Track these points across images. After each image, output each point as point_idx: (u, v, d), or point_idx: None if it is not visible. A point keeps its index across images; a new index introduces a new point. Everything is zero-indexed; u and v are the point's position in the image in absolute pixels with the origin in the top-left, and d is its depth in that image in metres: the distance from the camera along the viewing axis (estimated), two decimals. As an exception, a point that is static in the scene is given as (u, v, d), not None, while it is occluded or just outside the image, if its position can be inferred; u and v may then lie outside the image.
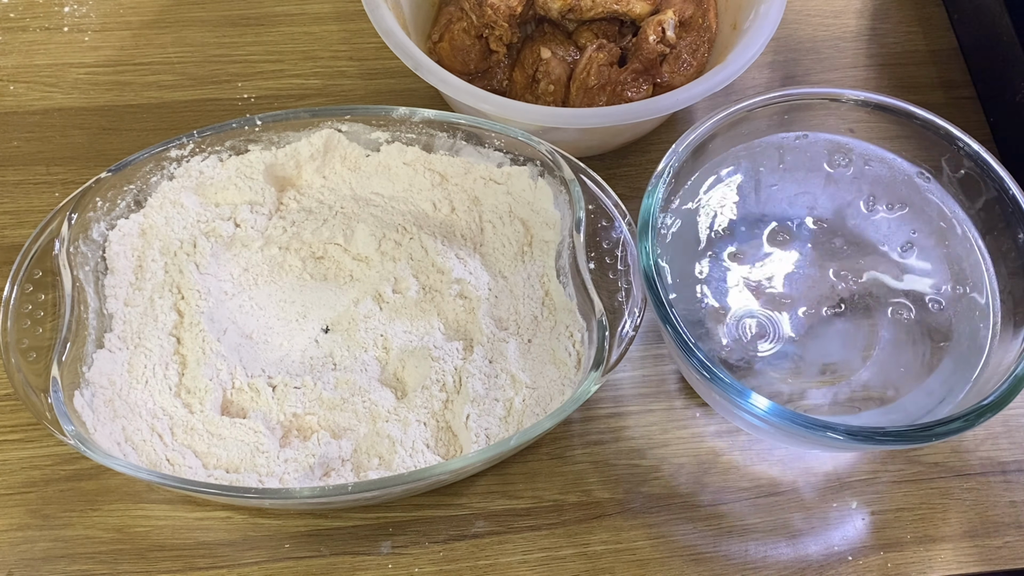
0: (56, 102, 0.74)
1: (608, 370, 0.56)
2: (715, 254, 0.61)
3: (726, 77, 0.65)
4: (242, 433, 0.57)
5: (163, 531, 0.59)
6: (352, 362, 0.61)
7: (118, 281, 0.61)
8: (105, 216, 0.62)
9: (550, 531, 0.60)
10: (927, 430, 0.52)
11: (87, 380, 0.58)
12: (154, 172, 0.63)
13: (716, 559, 0.60)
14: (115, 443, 0.56)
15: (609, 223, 0.61)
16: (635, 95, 0.69)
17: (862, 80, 0.78)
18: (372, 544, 0.60)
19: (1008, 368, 0.55)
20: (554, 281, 0.63)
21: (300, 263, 0.64)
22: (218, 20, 0.78)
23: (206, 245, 0.63)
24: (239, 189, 0.64)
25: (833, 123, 0.64)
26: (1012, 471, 0.63)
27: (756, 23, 0.67)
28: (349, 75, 0.76)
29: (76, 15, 0.78)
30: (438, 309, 0.63)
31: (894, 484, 0.62)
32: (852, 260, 0.61)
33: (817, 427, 0.52)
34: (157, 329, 0.60)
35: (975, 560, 0.60)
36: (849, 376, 0.59)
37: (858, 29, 0.80)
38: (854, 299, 0.61)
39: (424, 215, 0.65)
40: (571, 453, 0.62)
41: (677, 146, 0.60)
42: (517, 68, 0.71)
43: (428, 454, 0.58)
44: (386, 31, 0.65)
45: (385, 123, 0.65)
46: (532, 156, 0.64)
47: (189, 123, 0.73)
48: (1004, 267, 0.60)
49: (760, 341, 0.59)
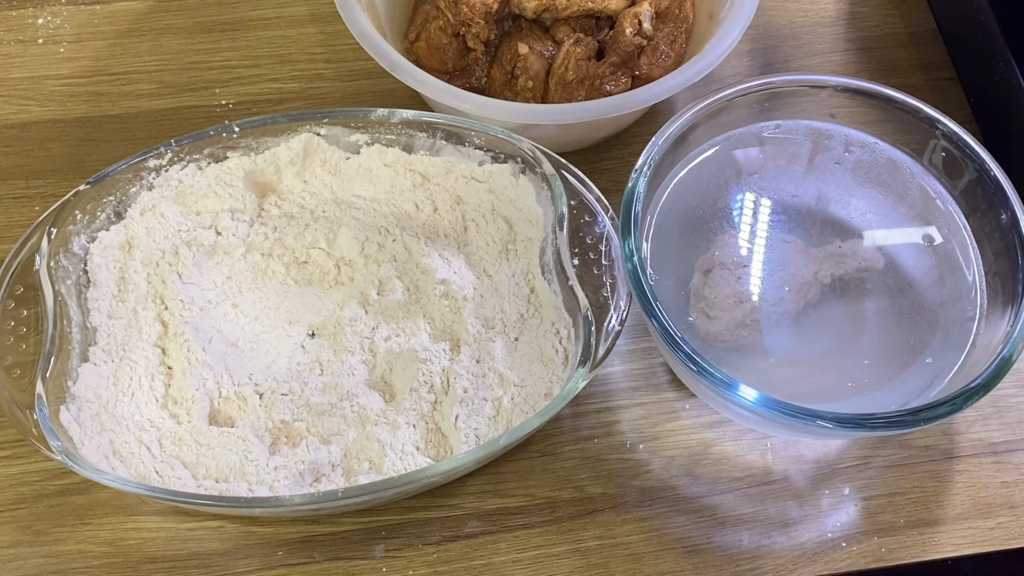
0: (33, 115, 0.73)
1: (596, 365, 0.56)
2: (700, 244, 0.61)
3: (704, 67, 0.64)
4: (230, 442, 0.57)
5: (155, 543, 0.59)
6: (339, 366, 0.61)
7: (101, 294, 0.61)
8: (85, 229, 0.62)
9: (543, 528, 0.60)
10: (916, 414, 0.52)
11: (73, 395, 0.57)
12: (133, 183, 0.63)
13: (710, 550, 0.60)
14: (103, 457, 0.56)
15: (592, 218, 0.60)
16: (614, 88, 0.68)
17: (842, 65, 0.78)
18: (366, 548, 0.59)
19: (995, 349, 0.55)
20: (539, 278, 0.63)
21: (283, 269, 0.64)
22: (194, 27, 0.78)
23: (188, 254, 0.63)
24: (219, 197, 0.64)
25: (814, 109, 0.64)
26: (1003, 452, 0.63)
27: (733, 12, 0.67)
28: (327, 77, 0.76)
29: (50, 26, 0.77)
30: (424, 310, 0.62)
31: (886, 469, 0.62)
32: (835, 245, 0.61)
33: (806, 415, 0.52)
34: (142, 341, 0.60)
35: (969, 542, 0.60)
36: (836, 360, 0.59)
37: (836, 13, 0.80)
38: (838, 284, 0.60)
39: (407, 216, 0.65)
40: (562, 450, 0.62)
41: (657, 138, 0.59)
42: (495, 65, 0.71)
43: (418, 456, 0.58)
44: (361, 33, 0.65)
45: (364, 125, 0.64)
46: (513, 153, 0.63)
47: (168, 132, 0.73)
48: (989, 247, 0.60)
49: (746, 328, 0.59)
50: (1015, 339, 0.54)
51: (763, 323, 0.59)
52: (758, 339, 0.59)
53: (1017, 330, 0.55)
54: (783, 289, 0.60)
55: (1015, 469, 0.62)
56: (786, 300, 0.60)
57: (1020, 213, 0.58)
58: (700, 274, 0.60)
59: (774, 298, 0.60)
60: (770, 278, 0.61)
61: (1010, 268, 0.58)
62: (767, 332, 0.59)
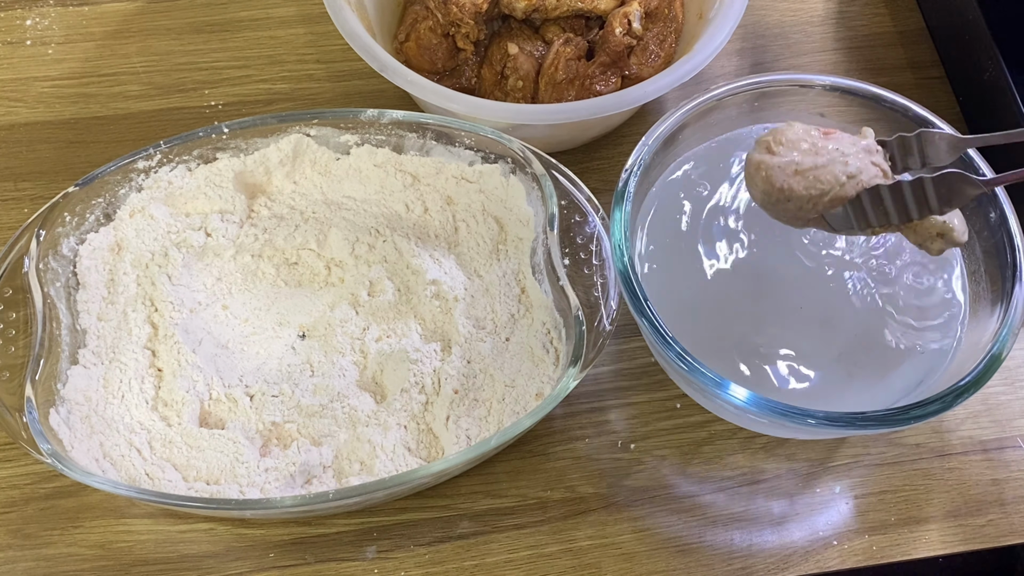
0: (21, 117, 0.73)
1: (587, 365, 0.56)
2: (691, 243, 0.61)
3: (694, 67, 0.64)
4: (221, 444, 0.57)
5: (146, 545, 0.59)
6: (330, 368, 0.61)
7: (90, 296, 0.61)
8: (74, 231, 0.61)
9: (535, 529, 0.60)
10: (905, 413, 0.52)
11: (62, 397, 0.57)
12: (122, 184, 0.63)
13: (701, 549, 0.60)
14: (93, 460, 0.56)
15: (582, 218, 0.60)
16: (604, 88, 0.69)
17: (831, 64, 0.78)
18: (357, 550, 0.59)
19: (985, 347, 0.55)
20: (530, 278, 0.63)
21: (274, 270, 0.64)
22: (183, 28, 0.77)
23: (178, 256, 0.62)
24: (209, 198, 0.64)
25: (803, 108, 0.64)
26: (993, 449, 0.63)
27: (722, 11, 0.67)
28: (317, 78, 0.76)
29: (39, 28, 0.77)
30: (415, 311, 0.62)
31: (876, 467, 0.62)
32: (824, 244, 0.61)
33: (796, 414, 0.52)
34: (131, 343, 0.60)
35: (960, 539, 0.61)
36: (825, 358, 0.59)
37: (825, 13, 0.80)
38: (827, 282, 0.60)
39: (397, 217, 0.65)
40: (553, 450, 0.62)
41: (647, 138, 0.60)
42: (485, 65, 0.71)
43: (409, 457, 0.58)
44: (350, 33, 0.65)
45: (354, 126, 0.64)
46: (503, 153, 0.63)
47: (157, 133, 0.73)
48: (978, 245, 0.60)
49: (739, 323, 0.59)
50: (1004, 337, 0.54)
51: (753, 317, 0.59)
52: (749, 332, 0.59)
53: (1006, 328, 0.55)
54: (770, 284, 0.60)
55: (1005, 467, 0.63)
56: (773, 296, 0.60)
57: (1008, 212, 0.58)
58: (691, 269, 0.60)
59: (764, 293, 0.60)
60: (763, 277, 0.61)
61: (999, 266, 0.58)
62: (757, 325, 0.59)
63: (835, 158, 0.51)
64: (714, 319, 0.60)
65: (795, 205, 0.51)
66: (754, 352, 0.59)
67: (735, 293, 0.60)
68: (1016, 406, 0.64)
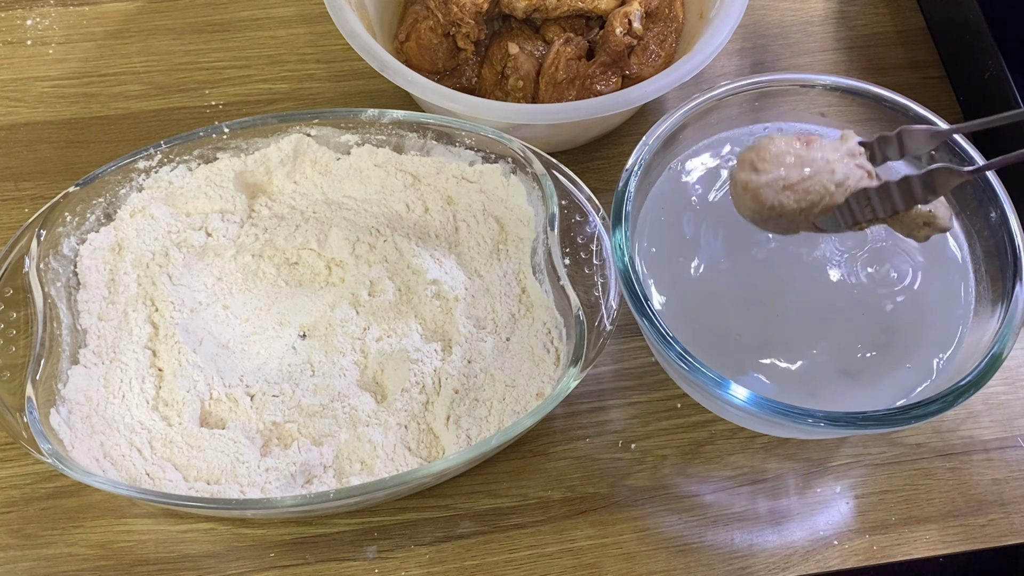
0: (22, 117, 0.73)
1: (587, 365, 0.56)
2: (691, 243, 0.61)
3: (694, 66, 0.64)
4: (221, 444, 0.57)
5: (146, 545, 0.59)
6: (330, 367, 0.61)
7: (91, 296, 0.61)
8: (75, 231, 0.61)
9: (536, 528, 0.60)
10: (905, 413, 0.52)
11: (63, 397, 0.57)
12: (123, 184, 0.63)
13: (702, 549, 0.60)
14: (94, 459, 0.56)
15: (583, 218, 0.60)
16: (604, 88, 0.69)
17: (831, 64, 0.78)
18: (358, 549, 0.59)
19: (985, 347, 0.55)
20: (530, 278, 0.63)
21: (274, 270, 0.64)
22: (183, 28, 0.77)
23: (178, 256, 0.62)
24: (209, 198, 0.64)
25: (804, 108, 0.64)
26: (993, 449, 0.63)
27: (723, 11, 0.67)
28: (317, 78, 0.76)
29: (39, 28, 0.77)
30: (415, 311, 0.62)
31: (877, 467, 0.62)
32: (826, 244, 0.61)
33: (796, 414, 0.52)
34: (132, 343, 0.60)
35: (960, 539, 0.61)
36: (828, 356, 0.59)
37: (826, 12, 0.80)
38: (828, 281, 0.60)
39: (398, 216, 0.65)
40: (554, 449, 0.62)
41: (647, 138, 0.59)
42: (486, 65, 0.71)
43: (410, 457, 0.58)
44: (351, 33, 0.65)
45: (354, 126, 0.64)
46: (503, 153, 0.63)
47: (157, 133, 0.73)
48: (979, 245, 0.60)
49: (742, 324, 0.59)
50: (1004, 336, 0.54)
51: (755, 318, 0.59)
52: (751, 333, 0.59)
53: (1007, 327, 0.55)
54: (772, 285, 0.60)
55: (1005, 466, 0.63)
56: (774, 295, 0.60)
57: (1010, 211, 0.58)
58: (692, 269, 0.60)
59: (765, 294, 0.60)
60: (764, 276, 0.61)
61: (1000, 266, 0.58)
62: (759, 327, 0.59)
63: (821, 168, 0.51)
64: (714, 319, 0.60)
65: (787, 219, 0.51)
66: (754, 351, 0.59)
67: (736, 293, 0.60)
68: (1017, 406, 0.64)
